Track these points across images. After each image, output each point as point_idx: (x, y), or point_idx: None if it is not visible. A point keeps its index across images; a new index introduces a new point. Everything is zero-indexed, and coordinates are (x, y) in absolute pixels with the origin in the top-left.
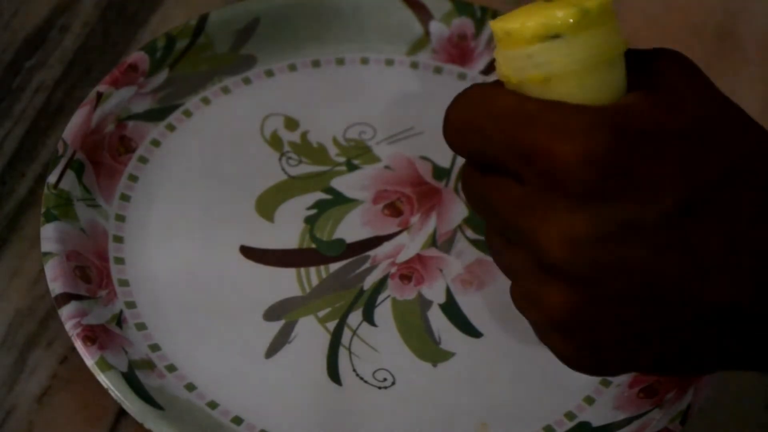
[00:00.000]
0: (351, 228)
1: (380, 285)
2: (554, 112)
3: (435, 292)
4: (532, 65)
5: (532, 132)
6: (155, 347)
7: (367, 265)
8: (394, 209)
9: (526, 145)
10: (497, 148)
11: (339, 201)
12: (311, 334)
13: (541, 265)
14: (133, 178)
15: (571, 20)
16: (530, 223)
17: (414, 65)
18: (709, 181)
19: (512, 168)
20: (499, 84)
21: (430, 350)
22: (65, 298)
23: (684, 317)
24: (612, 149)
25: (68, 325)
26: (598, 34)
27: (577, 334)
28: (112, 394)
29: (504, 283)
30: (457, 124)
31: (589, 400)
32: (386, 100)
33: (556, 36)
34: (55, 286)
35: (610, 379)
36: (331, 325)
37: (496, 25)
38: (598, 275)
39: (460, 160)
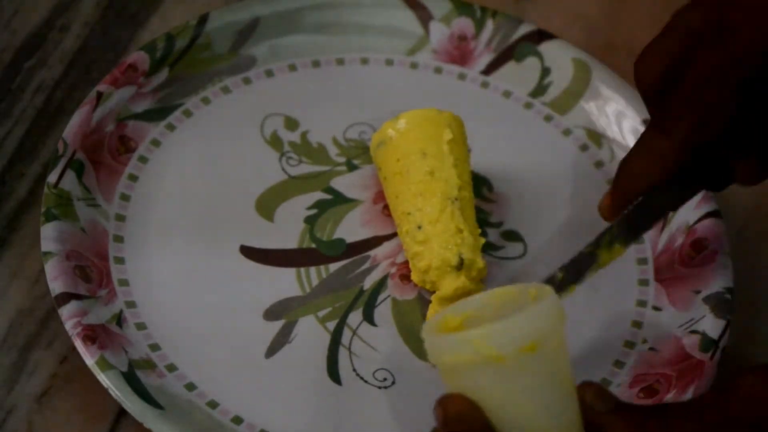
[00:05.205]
0: (351, 228)
1: (380, 285)
2: None
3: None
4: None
5: None
6: (155, 347)
7: (367, 265)
8: None
9: None
10: None
11: (339, 201)
12: (311, 334)
13: None
14: (133, 178)
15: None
16: None
17: (414, 65)
18: None
19: None
20: None
21: None
22: (65, 297)
23: None
24: None
25: (68, 325)
26: None
27: None
28: (112, 394)
29: (503, 282)
30: None
31: None
32: (386, 100)
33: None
34: (55, 286)
35: (609, 378)
36: (331, 324)
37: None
38: None
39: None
